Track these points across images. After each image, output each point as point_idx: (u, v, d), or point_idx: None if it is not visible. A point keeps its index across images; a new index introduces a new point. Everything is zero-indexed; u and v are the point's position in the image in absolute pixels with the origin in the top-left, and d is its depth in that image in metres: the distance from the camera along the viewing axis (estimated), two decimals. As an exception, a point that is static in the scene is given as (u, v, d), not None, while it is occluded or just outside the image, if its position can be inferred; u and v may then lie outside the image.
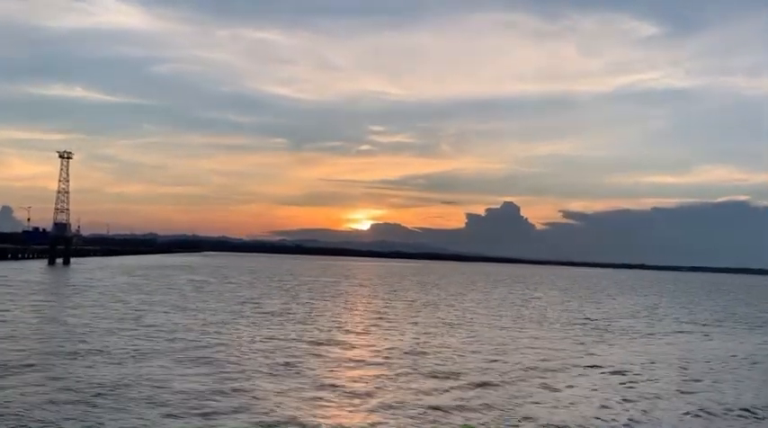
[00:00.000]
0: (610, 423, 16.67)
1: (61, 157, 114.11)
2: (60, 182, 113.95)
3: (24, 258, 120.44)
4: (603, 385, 21.53)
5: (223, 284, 71.22)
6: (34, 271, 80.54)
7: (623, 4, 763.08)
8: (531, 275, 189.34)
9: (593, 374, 23.54)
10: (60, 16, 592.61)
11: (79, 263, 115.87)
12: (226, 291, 59.20)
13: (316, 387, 19.04)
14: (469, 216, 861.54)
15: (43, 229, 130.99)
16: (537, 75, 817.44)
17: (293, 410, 16.37)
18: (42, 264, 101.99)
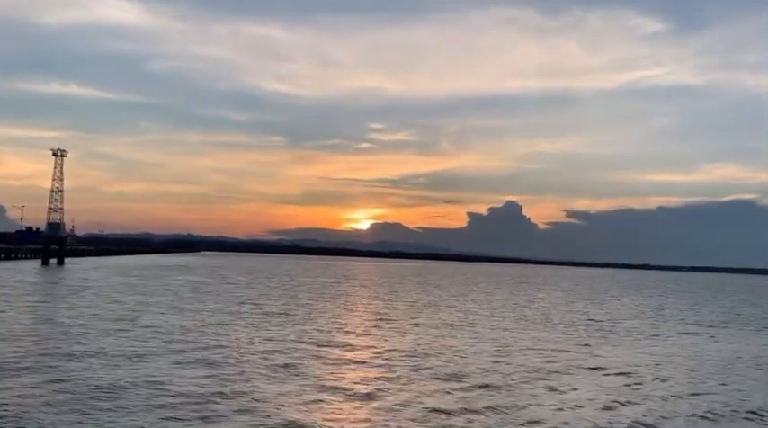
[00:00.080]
0: (615, 425, 16.71)
1: (55, 155, 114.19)
2: (54, 180, 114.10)
3: (18, 258, 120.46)
4: (608, 387, 21.56)
5: (221, 285, 71.26)
6: (28, 272, 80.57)
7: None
8: (533, 275, 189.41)
9: (597, 376, 23.59)
10: (56, 12, 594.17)
11: (73, 263, 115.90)
12: (224, 292, 59.24)
13: (316, 389, 19.08)
14: (471, 215, 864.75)
15: (37, 229, 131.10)
16: (539, 72, 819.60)
17: (293, 412, 16.41)
18: (36, 265, 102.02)
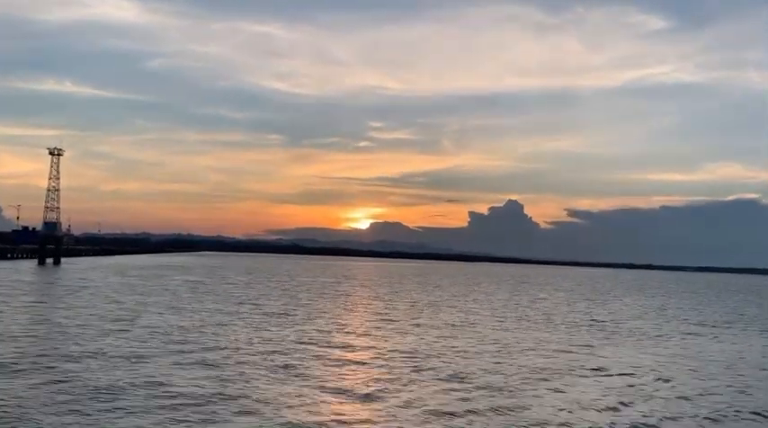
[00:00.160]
0: (617, 426, 16.76)
1: (51, 154, 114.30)
2: (50, 179, 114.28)
3: (14, 258, 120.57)
4: (611, 388, 21.63)
5: (219, 285, 71.34)
6: (24, 272, 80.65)
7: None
8: (535, 275, 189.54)
9: (600, 377, 23.65)
10: (52, 9, 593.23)
11: (70, 263, 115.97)
12: (222, 292, 59.32)
13: (316, 390, 19.14)
14: (472, 214, 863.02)
15: (33, 229, 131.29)
16: (540, 70, 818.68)
17: (294, 414, 16.48)
18: (32, 264, 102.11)
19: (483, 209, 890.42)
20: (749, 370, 27.16)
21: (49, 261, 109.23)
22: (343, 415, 16.54)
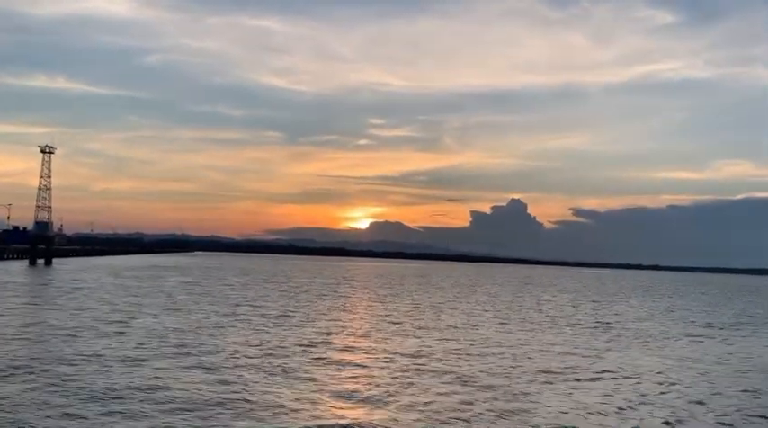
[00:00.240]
0: (624, 430, 16.88)
1: (43, 152, 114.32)
2: (42, 178, 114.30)
3: (4, 259, 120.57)
4: (617, 391, 21.75)
5: (216, 286, 71.46)
6: (14, 273, 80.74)
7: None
8: (539, 276, 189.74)
9: (606, 380, 23.75)
10: (44, 3, 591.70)
11: (62, 263, 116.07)
12: (219, 294, 59.42)
13: (316, 394, 19.24)
14: (474, 214, 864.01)
15: (24, 228, 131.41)
16: (545, 66, 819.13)
17: (293, 416, 16.58)
18: (23, 265, 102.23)
19: (486, 208, 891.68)
20: (758, 373, 27.27)
21: (41, 261, 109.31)
22: (344, 418, 16.63)
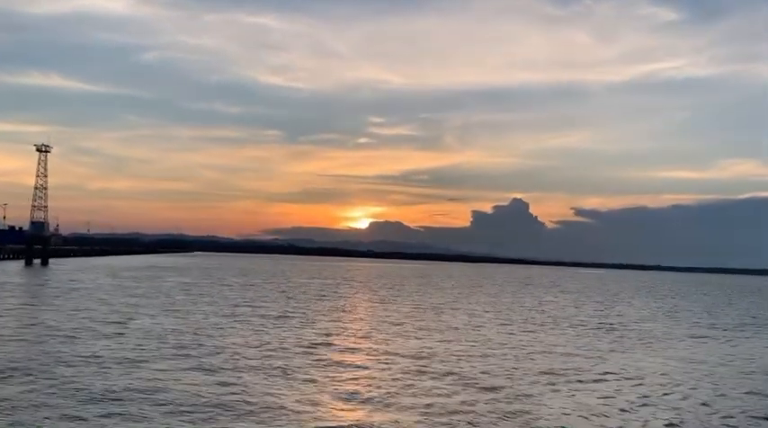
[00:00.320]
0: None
1: (39, 151, 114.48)
2: (38, 177, 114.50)
3: None
4: (619, 392, 21.82)
5: (214, 287, 71.53)
6: (10, 273, 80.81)
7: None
8: (541, 277, 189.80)
9: (609, 381, 23.82)
10: (39, 0, 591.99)
11: (58, 263, 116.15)
12: (218, 294, 59.50)
13: (316, 395, 19.31)
14: (475, 213, 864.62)
15: (20, 228, 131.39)
16: (547, 64, 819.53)
17: (293, 417, 16.65)
18: (19, 266, 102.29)
19: (487, 207, 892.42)
20: (762, 374, 27.34)
21: (37, 261, 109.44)
22: (345, 420, 16.70)
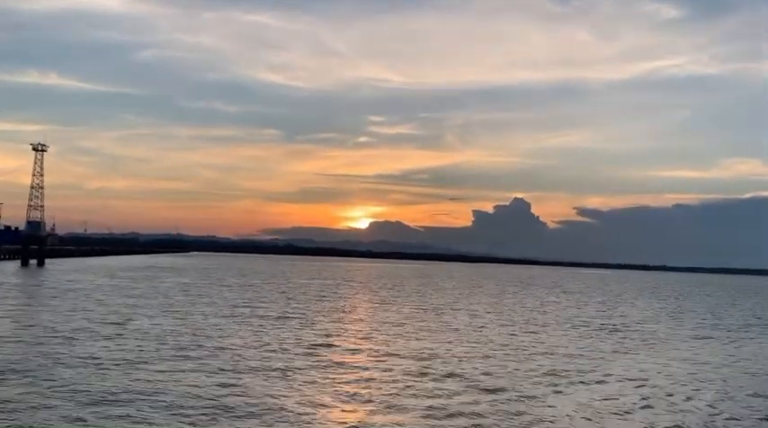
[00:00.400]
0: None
1: (35, 150, 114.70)
2: (34, 176, 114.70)
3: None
4: (622, 393, 21.88)
5: (213, 287, 71.59)
6: (6, 273, 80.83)
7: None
8: (543, 277, 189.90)
9: (611, 382, 23.89)
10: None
11: (55, 264, 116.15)
12: (217, 295, 59.56)
13: (317, 396, 19.36)
14: (476, 213, 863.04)
15: (15, 228, 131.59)
16: (548, 62, 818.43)
17: (293, 418, 16.69)
18: (15, 266, 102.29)
19: (488, 207, 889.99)
20: (767, 375, 27.40)
21: (33, 262, 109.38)
22: (346, 422, 16.75)
